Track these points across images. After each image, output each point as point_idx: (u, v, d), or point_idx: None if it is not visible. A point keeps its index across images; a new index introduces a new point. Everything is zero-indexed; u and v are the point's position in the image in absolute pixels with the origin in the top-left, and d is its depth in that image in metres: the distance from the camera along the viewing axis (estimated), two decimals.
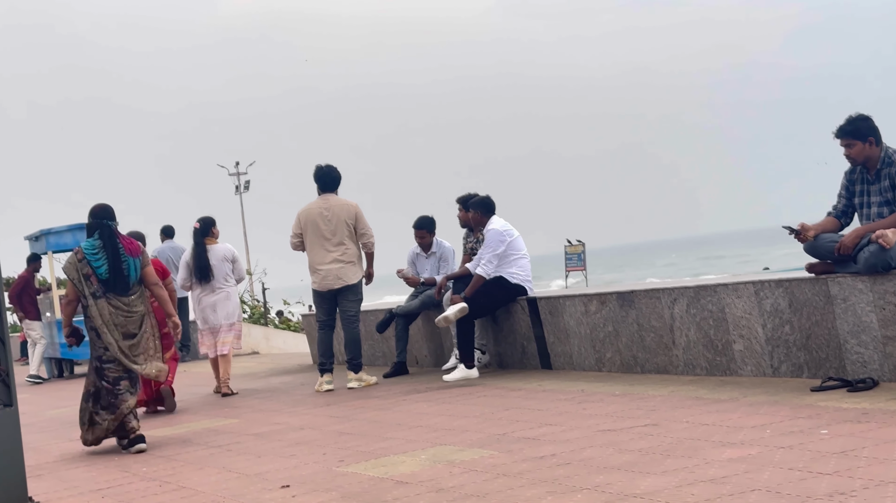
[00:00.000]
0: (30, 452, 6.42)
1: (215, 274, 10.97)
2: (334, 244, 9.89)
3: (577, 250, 34.01)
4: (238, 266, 11.22)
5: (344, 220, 9.90)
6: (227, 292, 11.06)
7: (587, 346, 8.94)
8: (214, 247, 11.07)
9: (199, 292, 11.05)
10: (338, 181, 10.05)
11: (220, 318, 11.01)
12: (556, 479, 4.98)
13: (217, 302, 10.99)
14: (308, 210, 9.97)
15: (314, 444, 6.89)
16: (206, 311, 11.03)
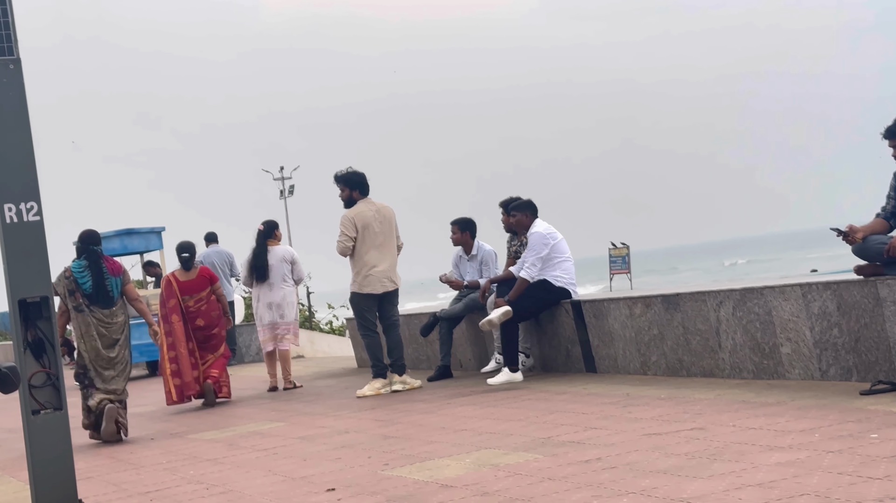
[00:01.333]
0: (79, 455, 6.50)
1: (274, 274, 11.55)
2: (387, 248, 10.01)
3: (622, 253, 33.88)
4: (297, 268, 11.78)
5: (392, 224, 10.04)
6: (286, 292, 11.63)
7: (632, 350, 8.89)
8: (275, 248, 11.65)
9: (259, 291, 11.66)
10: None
11: (278, 317, 11.58)
12: (601, 483, 4.95)
13: (275, 301, 11.56)
14: (362, 213, 9.97)
15: (359, 448, 6.92)
16: (264, 310, 11.61)
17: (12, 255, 5.49)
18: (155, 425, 9.94)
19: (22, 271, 5.52)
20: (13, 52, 5.46)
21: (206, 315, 10.96)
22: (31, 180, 5.51)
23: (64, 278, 9.02)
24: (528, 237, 9.59)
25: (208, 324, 10.99)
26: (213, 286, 11.06)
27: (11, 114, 5.46)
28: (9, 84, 5.45)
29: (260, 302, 11.68)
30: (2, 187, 5.45)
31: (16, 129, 5.48)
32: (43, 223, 5.55)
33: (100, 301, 8.97)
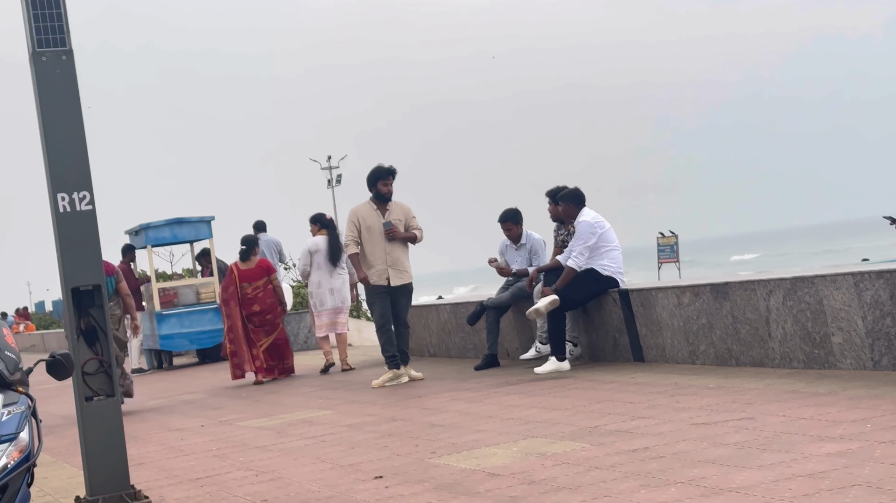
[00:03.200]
0: (131, 442, 6.60)
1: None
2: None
3: (670, 241, 33.66)
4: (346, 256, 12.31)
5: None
6: (344, 278, 12.49)
7: (680, 339, 8.83)
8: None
9: (320, 277, 12.44)
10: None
11: (338, 301, 12.42)
12: (649, 473, 4.93)
13: (335, 286, 12.42)
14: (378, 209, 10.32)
15: (406, 436, 6.94)
16: (325, 295, 12.40)
17: (66, 244, 5.57)
18: (205, 413, 10.05)
19: (75, 260, 5.59)
20: (65, 44, 5.53)
21: (262, 301, 12.32)
22: (84, 170, 5.58)
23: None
24: (576, 226, 9.55)
25: (263, 309, 12.32)
26: (270, 276, 12.45)
27: (64, 104, 5.54)
28: (61, 75, 5.52)
29: (322, 287, 12.45)
30: (55, 177, 5.54)
31: (68, 120, 5.55)
32: (95, 212, 5.62)
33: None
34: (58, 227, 5.56)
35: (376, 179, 10.36)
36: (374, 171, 10.43)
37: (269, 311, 12.37)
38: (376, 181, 10.35)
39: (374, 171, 10.43)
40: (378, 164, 10.48)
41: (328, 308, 12.43)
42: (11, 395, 3.56)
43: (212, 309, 17.57)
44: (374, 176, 10.40)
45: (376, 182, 10.35)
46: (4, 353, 3.63)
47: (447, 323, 12.35)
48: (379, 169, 10.42)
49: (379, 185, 10.32)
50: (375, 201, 10.36)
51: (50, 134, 5.53)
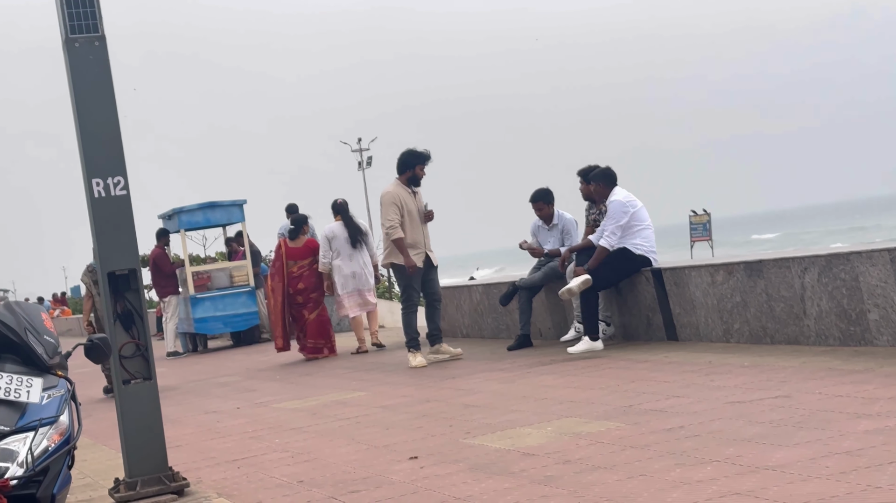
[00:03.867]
0: (168, 424, 6.65)
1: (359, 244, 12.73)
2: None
3: (703, 220, 33.44)
4: (369, 239, 13.03)
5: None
6: (364, 261, 12.79)
7: (714, 317, 8.79)
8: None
9: (340, 262, 12.69)
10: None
11: (359, 284, 12.70)
12: (684, 452, 4.93)
13: (357, 270, 12.68)
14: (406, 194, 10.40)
15: (440, 417, 6.97)
16: (346, 279, 12.68)
17: (101, 229, 5.61)
18: (240, 395, 10.13)
19: (110, 244, 5.64)
20: (98, 30, 5.56)
21: (307, 280, 12.92)
22: (118, 155, 5.62)
23: (87, 272, 11.47)
24: (608, 205, 9.51)
25: (307, 287, 12.92)
26: (317, 256, 12.91)
27: (97, 90, 5.57)
28: (94, 61, 5.55)
29: (344, 271, 12.67)
30: (89, 162, 5.58)
31: (101, 106, 5.58)
32: (129, 197, 5.66)
33: None
34: (93, 213, 5.60)
35: (413, 163, 10.38)
36: (411, 154, 10.41)
37: (313, 289, 12.93)
38: (413, 164, 10.37)
39: (410, 154, 10.41)
40: (411, 148, 10.47)
41: (350, 290, 12.71)
42: (51, 379, 3.61)
43: (245, 292, 17.68)
44: (410, 159, 10.40)
45: (413, 165, 10.37)
46: (43, 338, 3.68)
47: (479, 304, 12.36)
48: (415, 152, 10.41)
49: (417, 168, 10.36)
50: (408, 184, 10.37)
51: (84, 120, 5.57)
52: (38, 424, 3.45)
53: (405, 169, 10.40)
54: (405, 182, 10.37)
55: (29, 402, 3.48)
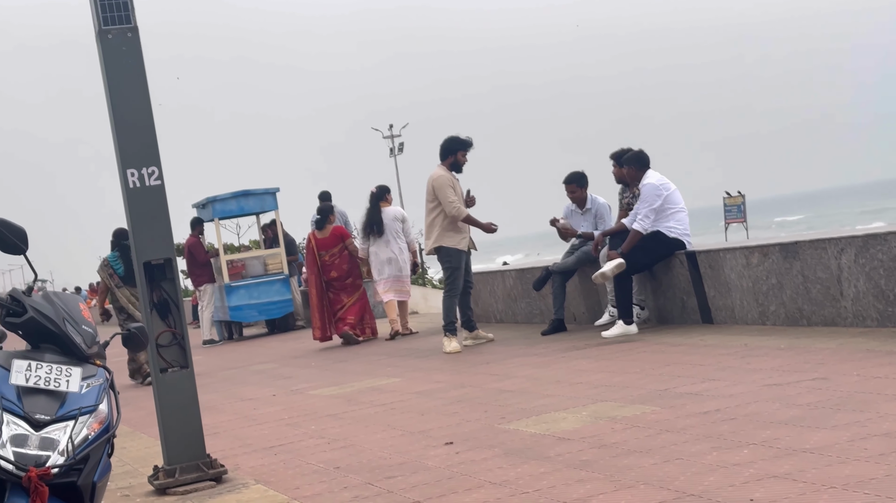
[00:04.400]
0: (205, 412, 6.70)
1: (388, 231, 12.82)
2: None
3: (737, 202, 33.21)
4: (407, 226, 13.08)
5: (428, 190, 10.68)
6: (400, 247, 12.90)
7: (749, 300, 8.74)
8: (387, 208, 13.00)
9: (377, 248, 12.90)
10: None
11: (395, 270, 12.84)
12: (720, 435, 4.91)
13: (392, 256, 12.82)
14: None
15: (475, 402, 6.98)
16: (382, 265, 12.86)
17: (136, 219, 5.66)
18: (276, 382, 10.19)
19: (146, 234, 5.68)
20: (131, 21, 5.59)
21: (339, 268, 13.19)
22: (152, 145, 5.65)
23: (103, 266, 12.28)
24: (641, 188, 9.47)
25: (340, 275, 13.18)
26: (345, 242, 13.27)
27: (131, 81, 5.60)
28: (127, 52, 5.59)
29: (378, 257, 12.88)
30: (124, 153, 5.62)
31: (135, 96, 5.62)
32: (164, 187, 5.70)
33: (130, 281, 11.79)
34: (128, 203, 5.65)
35: (456, 149, 10.50)
36: (453, 140, 10.55)
37: (347, 276, 13.20)
38: (456, 151, 10.49)
39: (452, 140, 10.55)
40: (454, 135, 10.58)
41: (385, 276, 12.89)
42: (90, 369, 3.64)
43: (279, 280, 17.76)
44: (454, 145, 10.53)
45: (456, 152, 10.49)
46: (81, 328, 3.71)
47: (513, 289, 12.35)
48: (458, 139, 10.57)
49: (459, 154, 10.49)
50: (450, 169, 10.47)
51: (118, 111, 5.60)
52: (77, 413, 3.48)
53: (447, 155, 10.50)
54: (448, 167, 10.47)
55: (68, 392, 3.52)
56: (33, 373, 3.51)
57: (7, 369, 3.52)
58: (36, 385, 3.50)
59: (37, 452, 3.38)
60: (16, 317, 3.70)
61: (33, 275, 4.01)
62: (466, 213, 10.36)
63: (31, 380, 3.50)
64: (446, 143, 10.53)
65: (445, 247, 10.35)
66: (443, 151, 10.52)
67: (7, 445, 3.37)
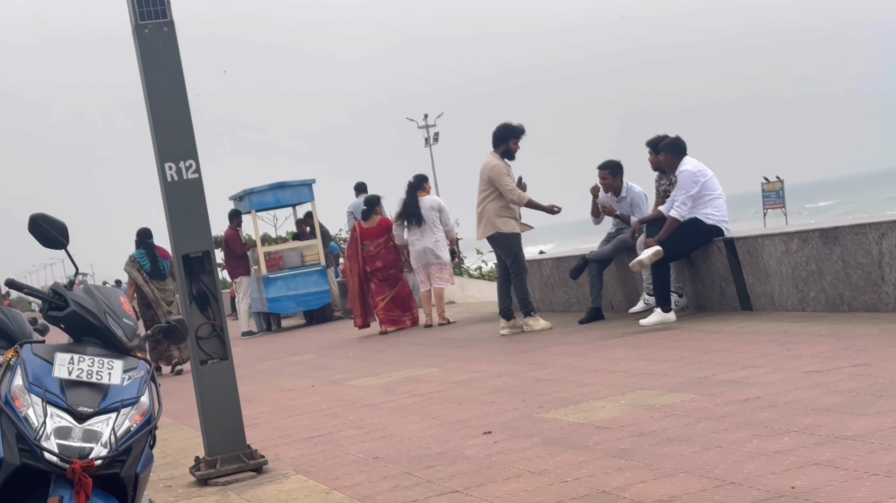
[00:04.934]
0: (245, 403, 6.75)
1: (425, 220, 12.92)
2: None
3: (775, 187, 32.89)
4: (444, 215, 13.13)
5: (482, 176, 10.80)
6: (437, 237, 13.00)
7: (789, 286, 8.66)
8: (424, 198, 13.07)
9: (413, 237, 13.07)
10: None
11: (432, 259, 12.97)
12: (761, 422, 4.88)
13: (428, 246, 12.95)
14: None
15: (513, 391, 6.98)
16: (419, 254, 13.00)
17: (174, 213, 5.70)
18: (314, 373, 10.25)
19: (184, 228, 5.72)
20: (167, 16, 5.63)
21: (384, 258, 13.44)
22: (189, 139, 5.69)
23: (130, 262, 13.01)
24: (678, 175, 9.41)
25: (385, 265, 13.45)
26: (390, 234, 13.39)
27: (167, 75, 5.64)
28: (164, 46, 5.62)
29: (414, 247, 13.04)
30: (162, 147, 5.66)
31: (172, 91, 5.66)
32: (201, 180, 5.73)
33: (156, 276, 12.87)
34: (166, 196, 5.69)
35: (509, 137, 10.61)
36: (508, 128, 10.67)
37: (390, 267, 13.45)
38: (507, 138, 10.60)
39: (507, 128, 10.67)
40: (507, 122, 10.65)
41: (422, 264, 13.02)
42: (131, 361, 3.67)
43: (316, 271, 17.84)
44: (507, 133, 10.64)
45: (507, 139, 10.60)
46: (122, 321, 3.74)
47: (549, 277, 12.33)
48: (510, 127, 10.68)
49: (511, 142, 10.58)
50: (502, 156, 10.57)
51: (155, 105, 5.64)
52: (119, 405, 3.52)
53: (500, 143, 10.62)
54: (500, 155, 10.59)
55: (110, 384, 3.55)
56: (76, 366, 3.56)
57: (50, 362, 3.56)
58: (78, 378, 3.54)
59: (80, 444, 3.42)
60: (58, 311, 3.75)
61: (74, 269, 4.06)
62: (528, 198, 10.54)
63: (74, 373, 3.54)
64: (499, 130, 10.63)
65: (503, 232, 10.53)
66: (495, 139, 10.63)
67: (51, 437, 3.41)
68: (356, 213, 16.97)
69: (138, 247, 13.06)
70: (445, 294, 13.54)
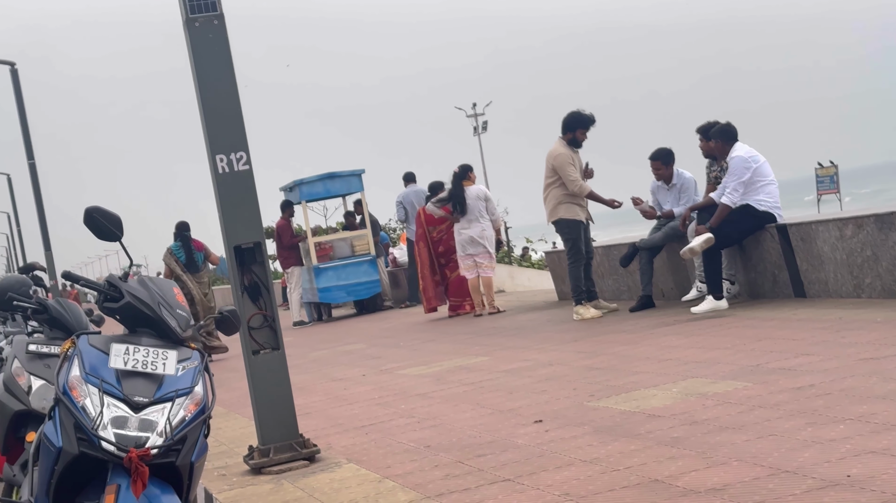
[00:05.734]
0: (297, 392, 6.80)
1: (471, 210, 13.04)
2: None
3: (829, 172, 32.44)
4: (490, 205, 13.23)
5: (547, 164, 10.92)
6: (483, 226, 13.10)
7: (844, 272, 8.55)
8: (470, 187, 13.19)
9: (459, 226, 13.18)
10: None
11: (478, 248, 13.05)
12: (815, 410, 4.82)
13: (475, 235, 13.03)
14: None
15: (564, 380, 6.96)
16: (465, 243, 13.13)
17: (226, 204, 5.75)
18: (365, 362, 10.30)
19: (235, 219, 5.77)
20: (216, 8, 5.67)
21: (446, 243, 13.78)
22: (240, 131, 5.74)
23: (168, 254, 13.81)
24: (729, 161, 9.32)
25: (447, 249, 13.78)
26: (452, 220, 13.38)
27: (218, 68, 5.69)
28: (214, 39, 5.67)
29: (461, 236, 13.15)
30: (213, 139, 5.71)
31: (222, 83, 5.70)
32: (252, 171, 5.78)
33: (191, 268, 13.70)
34: (217, 188, 5.74)
35: (577, 126, 10.66)
36: (578, 117, 10.73)
37: (454, 251, 13.59)
38: (576, 128, 10.66)
39: (577, 117, 10.73)
40: (578, 110, 10.67)
41: (468, 253, 13.16)
42: (185, 351, 3.72)
43: (367, 261, 17.91)
44: (577, 122, 10.71)
45: (576, 128, 10.66)
46: (176, 312, 3.79)
47: (600, 265, 12.27)
48: (580, 116, 10.73)
49: (578, 132, 10.64)
50: (569, 144, 10.60)
51: (206, 97, 5.70)
52: (174, 395, 3.57)
53: (567, 130, 10.71)
54: (567, 143, 10.63)
55: (165, 374, 3.60)
56: (131, 356, 3.61)
57: (106, 353, 3.62)
58: (134, 368, 3.59)
59: (136, 433, 3.47)
60: (113, 303, 3.80)
61: (129, 260, 4.11)
62: (589, 189, 10.61)
63: (129, 364, 3.59)
64: (569, 118, 10.71)
65: (563, 218, 10.63)
66: (564, 126, 10.71)
67: (108, 427, 3.47)
68: (405, 203, 17.02)
69: (176, 239, 13.88)
70: (495, 283, 13.61)
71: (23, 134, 24.84)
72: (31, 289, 6.85)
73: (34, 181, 25.27)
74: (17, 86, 25.00)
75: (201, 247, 13.94)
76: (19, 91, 24.95)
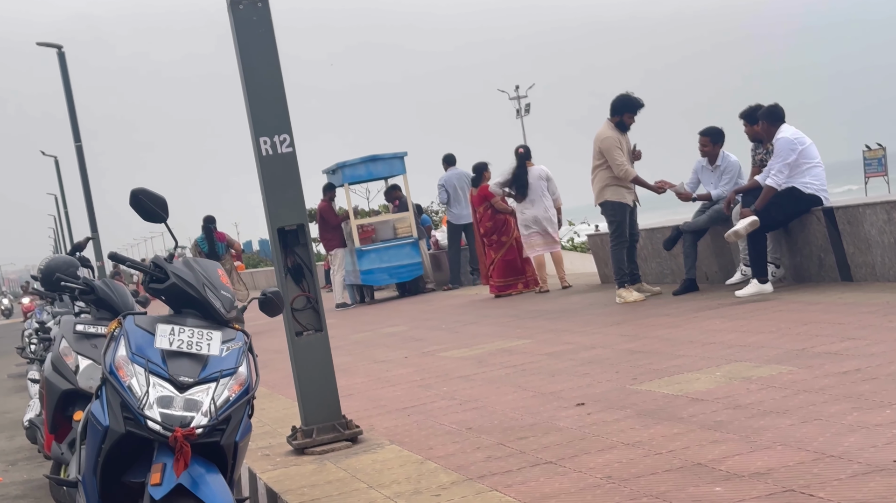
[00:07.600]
0: (340, 374, 6.84)
1: (534, 191, 13.27)
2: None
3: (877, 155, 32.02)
4: (552, 184, 13.49)
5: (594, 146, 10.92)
6: (546, 205, 13.36)
7: (891, 256, 8.44)
8: (532, 168, 13.44)
9: (522, 206, 13.40)
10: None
11: (543, 227, 13.31)
12: (861, 395, 4.78)
13: (538, 215, 13.29)
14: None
15: (606, 363, 6.94)
16: (529, 223, 13.35)
17: (269, 186, 5.78)
18: (407, 344, 10.33)
19: (279, 201, 5.80)
20: None
21: (484, 224, 14.13)
22: (283, 113, 5.76)
23: (193, 246, 15.64)
24: (775, 143, 9.22)
25: (486, 230, 14.08)
26: (489, 201, 13.96)
27: (261, 50, 5.71)
28: (258, 21, 5.69)
29: (524, 216, 13.40)
30: (257, 121, 5.74)
31: (266, 65, 5.72)
32: (295, 154, 5.80)
33: (212, 257, 14.85)
34: (261, 170, 5.77)
35: (625, 110, 10.65)
36: (627, 101, 10.73)
37: (493, 232, 14.01)
38: (624, 111, 10.64)
39: (625, 100, 10.73)
40: (627, 94, 10.63)
41: (532, 232, 13.35)
42: (229, 332, 3.75)
43: (409, 243, 17.94)
44: (625, 105, 10.69)
45: (624, 112, 10.64)
46: (220, 293, 3.83)
47: (643, 248, 12.20)
48: (628, 100, 10.71)
49: (626, 115, 10.63)
50: (617, 129, 10.60)
51: (250, 80, 5.72)
52: (219, 375, 3.60)
53: (615, 113, 10.69)
54: (614, 125, 10.63)
55: (210, 355, 3.64)
56: (176, 337, 3.65)
57: (152, 334, 3.66)
58: (179, 348, 3.63)
59: (182, 413, 3.52)
60: (158, 284, 3.85)
61: (174, 242, 4.15)
62: (635, 174, 10.61)
63: (175, 344, 3.63)
64: (617, 101, 10.70)
65: (609, 201, 10.64)
66: (612, 109, 10.69)
67: (154, 406, 3.51)
68: (447, 186, 17.01)
69: (202, 231, 15.66)
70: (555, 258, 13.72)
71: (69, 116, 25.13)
72: (78, 269, 6.95)
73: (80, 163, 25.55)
74: (64, 69, 25.29)
75: (223, 237, 15.88)
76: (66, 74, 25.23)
